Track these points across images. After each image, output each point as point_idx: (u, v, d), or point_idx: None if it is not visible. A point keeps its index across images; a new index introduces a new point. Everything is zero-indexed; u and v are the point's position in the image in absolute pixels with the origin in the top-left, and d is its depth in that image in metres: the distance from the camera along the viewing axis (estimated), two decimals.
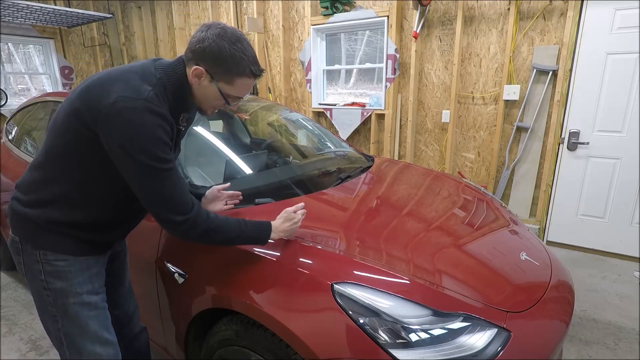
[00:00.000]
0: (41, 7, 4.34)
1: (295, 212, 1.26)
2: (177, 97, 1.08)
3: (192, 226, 1.06)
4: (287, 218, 1.24)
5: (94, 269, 1.16)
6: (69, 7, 4.89)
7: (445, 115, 3.60)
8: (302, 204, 1.31)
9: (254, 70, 1.06)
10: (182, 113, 1.14)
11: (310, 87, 4.38)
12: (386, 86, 3.84)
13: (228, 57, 1.01)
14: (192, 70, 1.04)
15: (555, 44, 3.03)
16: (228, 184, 1.46)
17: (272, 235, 1.21)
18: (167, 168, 1.01)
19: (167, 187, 1.02)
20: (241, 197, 1.46)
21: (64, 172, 1.06)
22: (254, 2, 4.39)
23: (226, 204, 1.41)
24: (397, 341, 1.02)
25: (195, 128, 1.86)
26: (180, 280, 1.33)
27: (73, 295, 1.11)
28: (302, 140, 2.58)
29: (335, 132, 4.21)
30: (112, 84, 0.98)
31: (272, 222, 1.22)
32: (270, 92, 4.63)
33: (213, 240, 1.14)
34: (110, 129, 0.96)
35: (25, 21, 4.94)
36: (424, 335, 1.03)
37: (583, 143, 3.01)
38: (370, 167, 2.12)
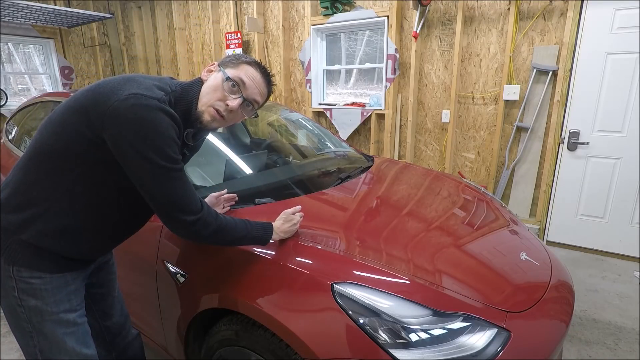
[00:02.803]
0: (41, 7, 4.34)
1: (293, 213, 1.29)
2: (185, 114, 1.06)
3: (204, 225, 1.04)
4: (286, 219, 1.26)
5: (72, 286, 1.10)
6: (69, 7, 4.89)
7: (445, 115, 3.60)
8: (299, 206, 1.33)
9: (260, 64, 1.14)
10: (187, 129, 1.10)
11: (310, 87, 4.38)
12: (386, 86, 3.84)
13: (240, 55, 1.14)
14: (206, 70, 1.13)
15: (555, 44, 3.03)
16: (225, 191, 1.47)
17: (273, 236, 1.22)
18: (178, 168, 0.99)
19: (179, 188, 0.99)
20: (237, 198, 1.48)
21: (48, 174, 1.00)
22: (254, 2, 4.39)
23: (223, 207, 1.43)
24: (397, 341, 1.02)
25: None
26: (181, 280, 1.33)
27: (49, 314, 1.05)
28: (302, 140, 2.58)
29: (335, 132, 4.21)
30: (124, 83, 0.96)
31: (273, 223, 1.24)
32: None
33: (221, 240, 1.13)
34: (120, 127, 0.91)
35: (25, 21, 4.94)
36: (424, 335, 1.03)
37: (583, 143, 3.01)
38: (370, 167, 2.12)
